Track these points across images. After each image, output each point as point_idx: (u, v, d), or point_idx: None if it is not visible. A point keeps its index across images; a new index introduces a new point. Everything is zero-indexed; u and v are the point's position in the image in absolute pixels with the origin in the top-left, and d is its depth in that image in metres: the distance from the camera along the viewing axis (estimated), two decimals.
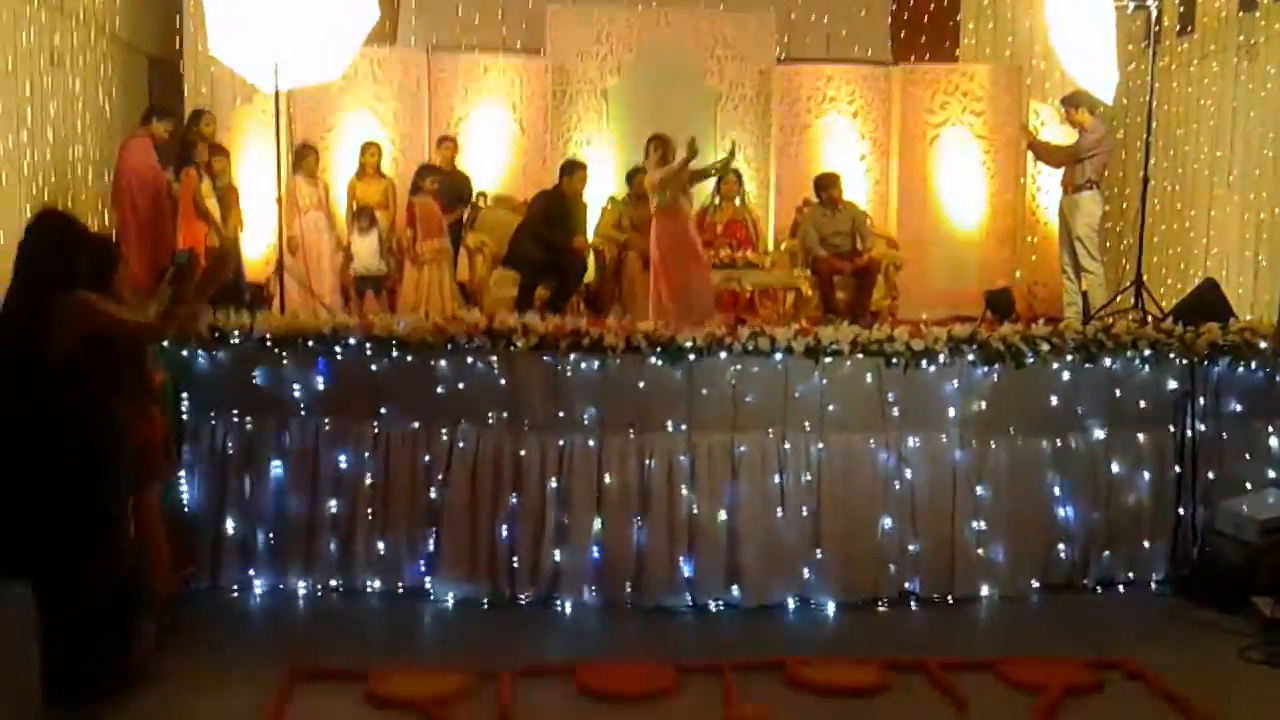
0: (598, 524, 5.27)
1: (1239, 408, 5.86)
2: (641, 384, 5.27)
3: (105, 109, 8.91)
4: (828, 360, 5.30)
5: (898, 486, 5.41)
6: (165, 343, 4.95)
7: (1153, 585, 5.67)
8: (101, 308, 3.95)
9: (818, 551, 5.32)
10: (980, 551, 5.47)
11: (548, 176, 9.30)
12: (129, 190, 7.45)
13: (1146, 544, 5.70)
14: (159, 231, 7.37)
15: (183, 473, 5.31)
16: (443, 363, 5.31)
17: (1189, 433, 5.74)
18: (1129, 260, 9.19)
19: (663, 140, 7.69)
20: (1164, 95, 9.51)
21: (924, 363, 5.37)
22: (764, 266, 8.93)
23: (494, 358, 5.29)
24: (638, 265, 8.76)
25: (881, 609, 5.32)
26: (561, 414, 5.30)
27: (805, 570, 5.31)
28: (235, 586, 5.35)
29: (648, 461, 5.28)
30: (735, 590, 5.28)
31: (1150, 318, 6.82)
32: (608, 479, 5.27)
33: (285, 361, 5.36)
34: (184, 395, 5.32)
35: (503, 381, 5.31)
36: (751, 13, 10.33)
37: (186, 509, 5.34)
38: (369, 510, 5.35)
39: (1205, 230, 9.56)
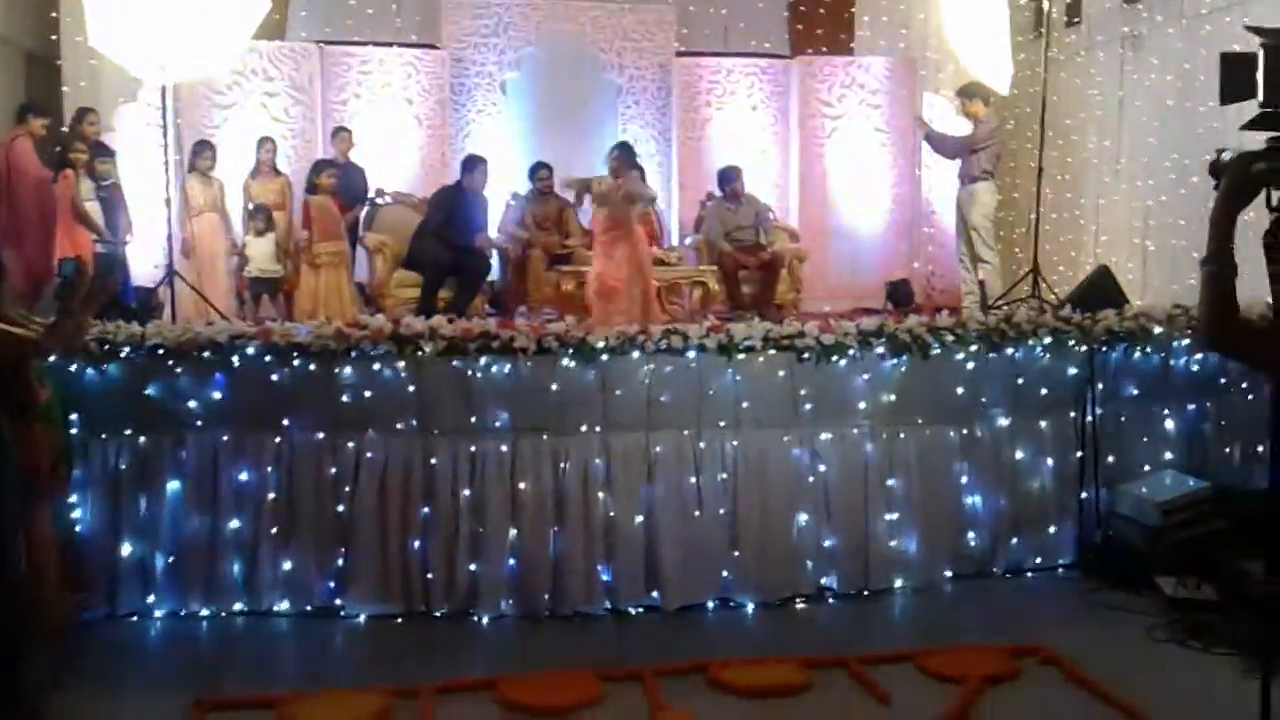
0: (513, 533, 5.17)
1: (1136, 392, 6.03)
2: (554, 386, 5.18)
3: None
4: (740, 357, 5.28)
5: (811, 481, 5.42)
6: (50, 358, 4.69)
7: (1060, 569, 5.80)
8: None
9: (735, 551, 5.30)
10: (893, 544, 5.52)
11: (448, 172, 9.15)
12: (14, 193, 7.07)
13: (1052, 529, 5.83)
14: (44, 236, 7.01)
15: (74, 495, 5.05)
16: (348, 370, 5.15)
17: (1089, 418, 5.88)
18: (1023, 249, 9.40)
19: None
20: (1053, 86, 9.70)
21: (835, 357, 5.39)
22: (669, 262, 8.90)
23: (401, 363, 5.15)
24: (542, 263, 8.66)
25: (800, 605, 5.33)
26: (473, 419, 5.18)
27: (724, 570, 5.29)
28: (133, 613, 5.11)
29: (562, 465, 5.20)
30: (655, 594, 5.23)
31: (1047, 306, 6.97)
32: (522, 485, 5.17)
33: (180, 373, 5.13)
34: (71, 413, 5.05)
35: (410, 388, 5.17)
36: (650, 5, 10.30)
37: (79, 532, 5.08)
38: (273, 528, 5.16)
39: (1095, 218, 9.84)
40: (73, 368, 5.05)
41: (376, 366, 5.15)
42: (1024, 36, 9.92)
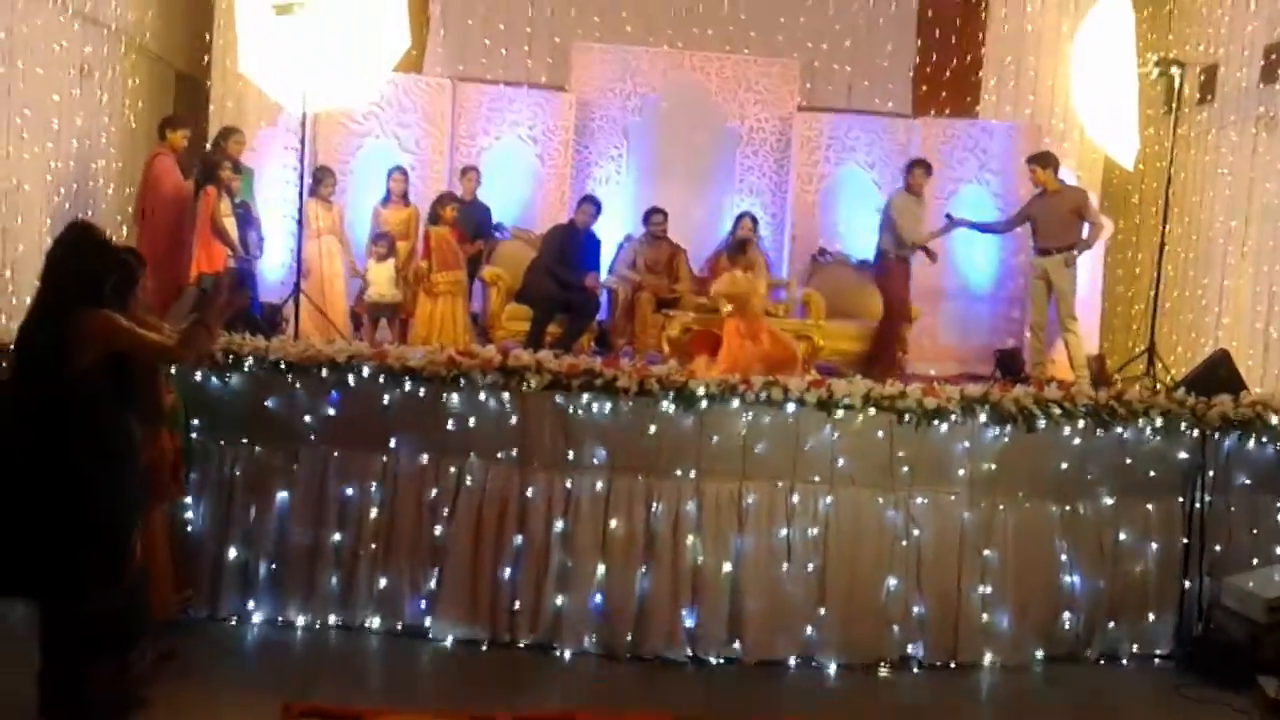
0: (601, 569, 5.24)
1: (1248, 481, 5.84)
2: (652, 428, 5.26)
3: (131, 122, 8.96)
4: (839, 414, 5.28)
5: (904, 545, 5.38)
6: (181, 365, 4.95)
7: (1156, 659, 5.63)
8: (123, 327, 3.96)
9: (821, 609, 5.29)
10: (985, 617, 5.43)
11: (566, 211, 9.34)
12: (155, 207, 7.47)
13: (1151, 616, 5.67)
14: (180, 249, 7.38)
15: (189, 497, 5.29)
16: (454, 397, 5.31)
17: (1197, 505, 5.71)
18: (1141, 326, 9.19)
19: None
20: (1181, 163, 9.53)
21: (936, 421, 5.36)
22: (777, 314, 8.91)
23: (506, 394, 5.28)
24: (650, 306, 8.77)
25: (883, 672, 5.28)
26: (571, 454, 5.29)
27: (808, 628, 5.27)
28: (233, 616, 5.32)
29: (655, 507, 5.26)
30: (737, 645, 5.24)
31: (1161, 386, 6.80)
32: (613, 524, 5.25)
33: (298, 388, 5.35)
34: (193, 419, 5.30)
35: (513, 419, 5.30)
36: (775, 58, 10.41)
37: (190, 533, 5.32)
38: (372, 544, 5.33)
39: (1218, 300, 9.54)
40: (198, 376, 5.31)
41: (483, 396, 5.30)
42: (1153, 111, 9.75)
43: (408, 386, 5.31)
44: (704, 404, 5.25)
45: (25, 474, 3.87)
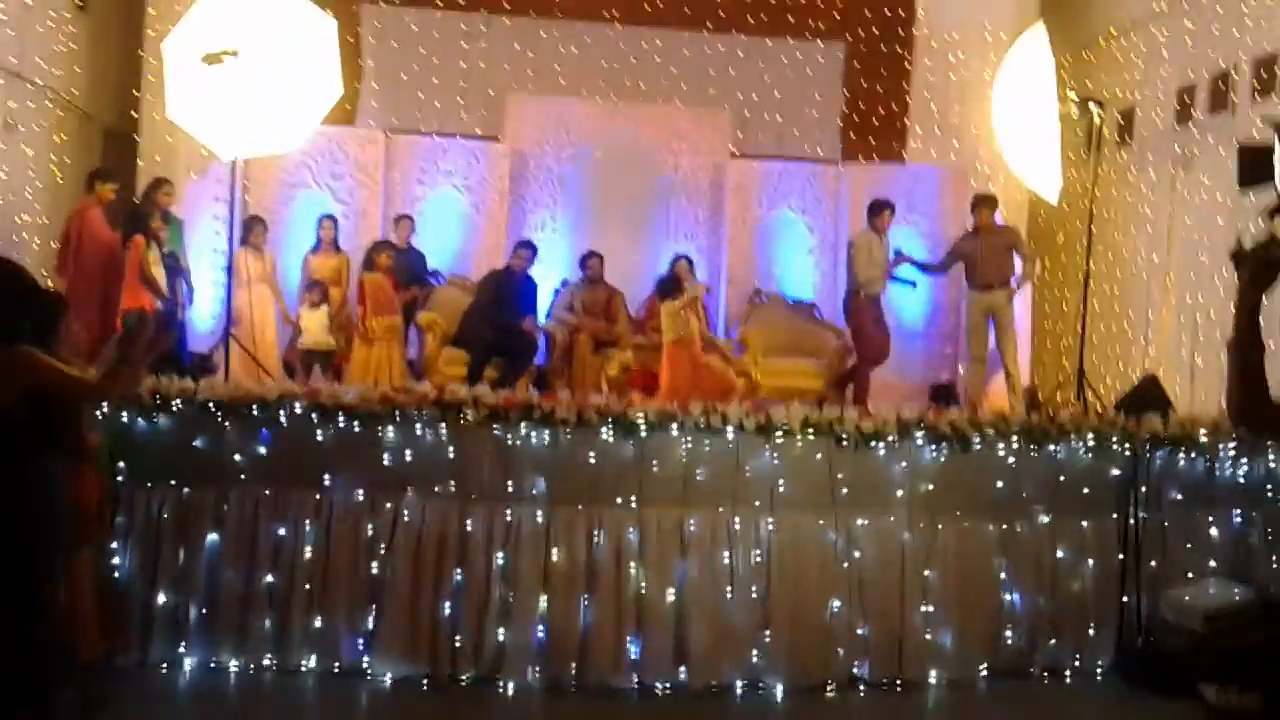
0: (543, 601, 5.17)
1: (1180, 498, 5.95)
2: (592, 457, 5.23)
3: (57, 177, 8.84)
4: (779, 438, 5.30)
5: (846, 567, 5.39)
6: (105, 405, 4.84)
7: (1099, 673, 5.67)
8: (44, 362, 3.85)
9: (766, 633, 5.26)
10: (928, 635, 5.44)
11: (503, 259, 9.33)
12: (82, 256, 7.37)
13: (1092, 631, 5.71)
14: (106, 298, 7.27)
15: (115, 542, 5.14)
16: (390, 432, 5.25)
17: (1131, 521, 5.80)
18: (1069, 358, 9.37)
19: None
20: (1104, 202, 9.81)
21: (873, 443, 5.40)
22: (721, 349, 8.96)
23: (443, 427, 5.23)
24: (588, 347, 8.78)
25: (830, 693, 5.25)
26: (510, 486, 5.24)
27: (754, 652, 5.24)
28: (164, 663, 5.15)
29: (596, 537, 5.22)
30: (682, 672, 5.18)
31: (1092, 409, 6.93)
32: (555, 555, 5.19)
33: (228, 428, 5.26)
34: (119, 461, 5.17)
35: (450, 452, 5.25)
36: (706, 108, 10.58)
37: (117, 579, 5.16)
38: (307, 584, 5.21)
39: (1143, 331, 9.79)
40: (124, 417, 5.19)
41: (419, 429, 5.24)
42: (1074, 155, 10.05)
43: (341, 423, 5.24)
44: (643, 432, 5.24)
45: None
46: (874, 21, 11.09)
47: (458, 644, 5.15)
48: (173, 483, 5.25)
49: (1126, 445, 5.82)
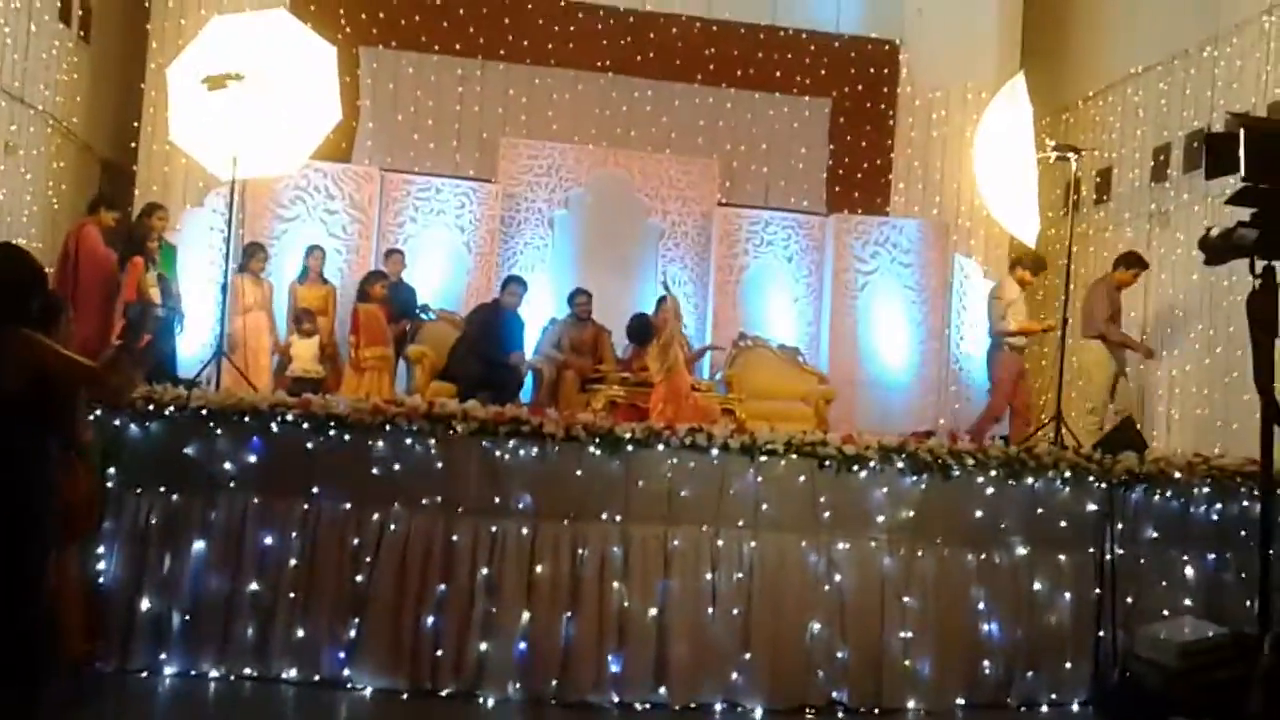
0: (526, 616, 5.20)
1: (1155, 535, 6.03)
2: (579, 472, 5.30)
3: (53, 202, 8.94)
4: (763, 459, 5.38)
5: (826, 590, 5.44)
6: (99, 407, 4.89)
7: (1075, 707, 5.70)
8: (50, 345, 3.92)
9: (747, 654, 5.29)
10: (907, 663, 5.47)
11: (492, 297, 9.45)
12: (80, 271, 7.46)
13: (1069, 665, 5.75)
14: (104, 317, 7.35)
15: (101, 546, 5.15)
16: (380, 443, 5.30)
17: (1108, 556, 5.88)
18: (1048, 410, 9.50)
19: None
20: (1082, 258, 10.03)
21: (855, 468, 5.49)
22: (701, 389, 9.06)
23: (432, 440, 5.29)
24: (575, 385, 8.87)
25: (809, 716, 5.28)
26: (497, 499, 5.29)
27: (734, 672, 5.26)
28: (145, 669, 5.14)
29: (580, 552, 5.27)
30: (663, 690, 5.20)
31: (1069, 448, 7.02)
32: (539, 569, 5.24)
33: (219, 435, 5.30)
34: (109, 466, 5.20)
35: (439, 464, 5.30)
36: (696, 158, 10.82)
37: (102, 583, 5.17)
38: (291, 593, 5.22)
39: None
40: (116, 421, 5.24)
41: (409, 441, 5.30)
42: (1054, 213, 10.29)
43: (331, 433, 5.30)
44: (629, 449, 5.32)
45: None
46: (859, 79, 11.43)
47: (439, 656, 5.16)
48: (162, 489, 5.28)
49: (1102, 481, 5.92)
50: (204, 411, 5.30)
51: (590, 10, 10.96)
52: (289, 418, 5.29)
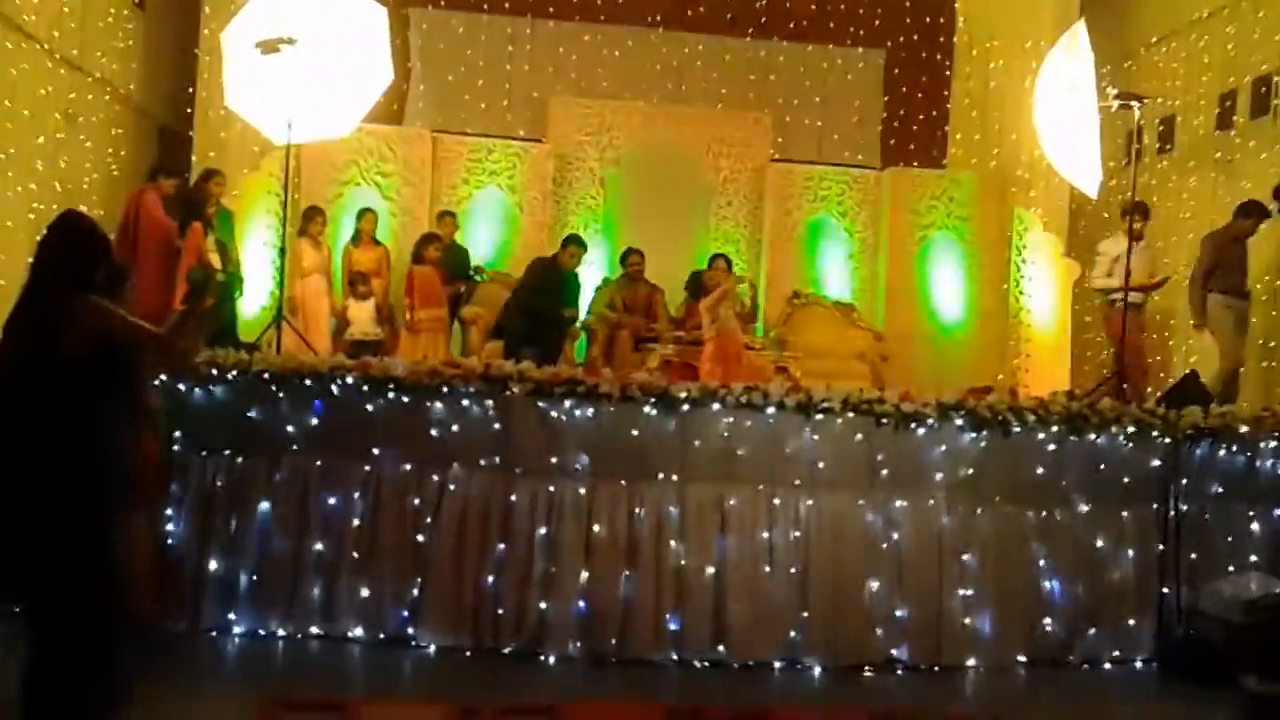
0: (585, 575, 5.25)
1: (1220, 490, 5.93)
2: (635, 433, 5.31)
3: (113, 169, 9.06)
4: (819, 418, 5.36)
5: (884, 548, 5.42)
6: (170, 358, 4.96)
7: (1139, 664, 5.66)
8: (115, 311, 3.98)
9: (804, 612, 5.30)
10: (967, 621, 5.46)
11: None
12: (140, 237, 7.58)
13: (1132, 622, 5.70)
14: (163, 282, 7.47)
15: (170, 509, 5.27)
16: (438, 405, 5.35)
17: (1171, 512, 5.79)
18: (1108, 366, 9.34)
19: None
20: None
21: (913, 425, 5.44)
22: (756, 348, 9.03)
23: (490, 402, 5.33)
24: (628, 344, 8.87)
25: (868, 674, 5.28)
26: (554, 460, 5.33)
27: (792, 631, 5.28)
28: (214, 629, 5.26)
29: (637, 511, 5.29)
30: (721, 648, 5.23)
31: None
32: (597, 528, 5.27)
33: (281, 398, 5.38)
34: (175, 430, 5.30)
35: (497, 426, 5.35)
36: (748, 112, 10.70)
37: (170, 545, 5.29)
38: (355, 554, 5.31)
39: (1186, 337, 9.75)
40: (180, 387, 5.33)
41: (466, 403, 5.34)
42: (1117, 162, 10.05)
43: (391, 395, 5.35)
44: (685, 408, 5.32)
45: (14, 460, 3.85)
46: (914, 29, 11.20)
47: (500, 615, 5.23)
48: (226, 452, 5.38)
49: (1167, 436, 5.82)
50: (266, 375, 5.38)
51: None
52: (349, 380, 5.35)
